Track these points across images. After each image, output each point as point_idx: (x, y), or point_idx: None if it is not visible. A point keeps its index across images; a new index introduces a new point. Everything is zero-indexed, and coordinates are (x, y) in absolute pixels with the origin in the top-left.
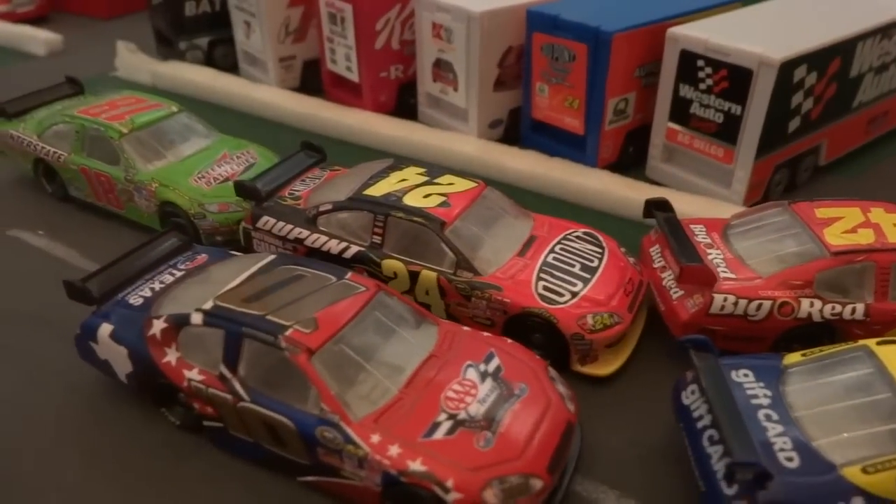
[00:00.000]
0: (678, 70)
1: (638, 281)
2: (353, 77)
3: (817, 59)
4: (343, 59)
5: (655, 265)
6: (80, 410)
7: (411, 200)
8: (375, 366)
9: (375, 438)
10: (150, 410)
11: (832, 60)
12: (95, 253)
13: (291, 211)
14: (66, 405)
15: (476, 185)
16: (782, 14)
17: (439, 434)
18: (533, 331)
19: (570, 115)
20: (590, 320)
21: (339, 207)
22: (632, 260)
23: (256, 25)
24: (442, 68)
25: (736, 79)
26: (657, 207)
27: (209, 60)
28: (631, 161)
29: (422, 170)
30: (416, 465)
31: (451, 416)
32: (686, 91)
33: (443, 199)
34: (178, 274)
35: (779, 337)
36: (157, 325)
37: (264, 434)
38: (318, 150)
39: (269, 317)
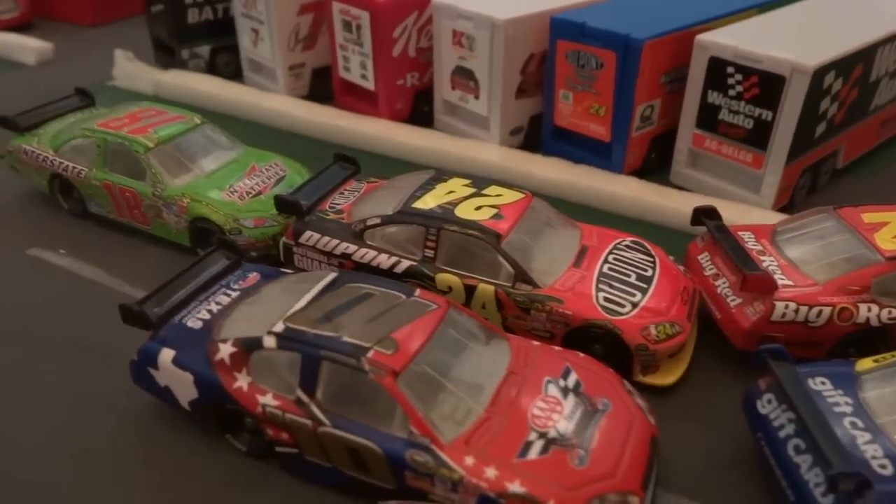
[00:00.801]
0: (707, 77)
1: (692, 289)
2: (369, 85)
3: (844, 65)
4: (358, 67)
5: (706, 273)
6: (136, 439)
7: (463, 213)
8: (456, 385)
9: (470, 461)
10: (212, 437)
11: (856, 66)
12: (123, 272)
13: (336, 225)
14: (120, 434)
15: (524, 195)
16: (805, 20)
17: (533, 454)
18: (593, 342)
19: (596, 122)
20: (653, 331)
21: (387, 221)
22: (681, 268)
23: (266, 33)
24: (462, 76)
25: (767, 85)
26: (706, 215)
27: (211, 68)
28: (653, 166)
29: (467, 181)
30: (515, 487)
31: (542, 435)
32: (714, 97)
33: (495, 210)
34: (233, 294)
35: (836, 342)
36: (225, 350)
37: (345, 459)
38: (352, 161)
39: (346, 338)
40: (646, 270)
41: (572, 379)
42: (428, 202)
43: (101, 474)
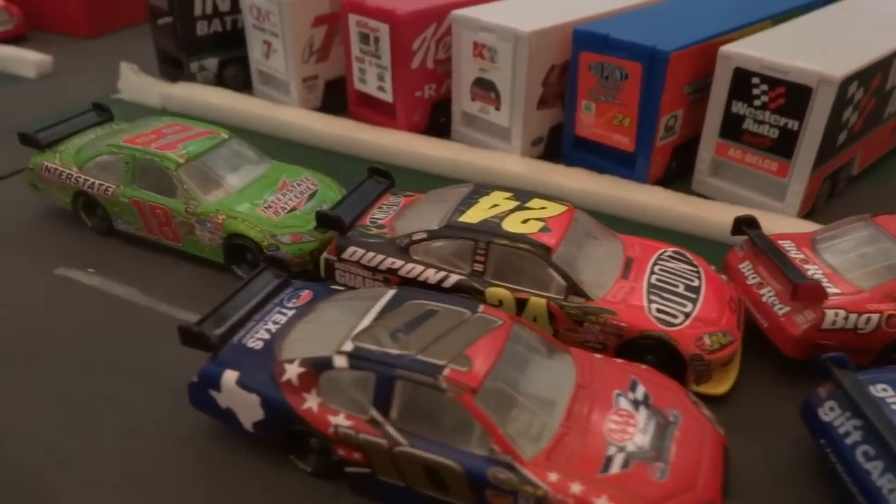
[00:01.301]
0: (731, 87)
1: (737, 298)
2: (387, 97)
3: (866, 75)
4: (375, 79)
5: (749, 282)
6: (196, 463)
7: (511, 227)
8: (529, 400)
9: (554, 477)
10: (275, 458)
11: (876, 75)
12: (158, 290)
13: (379, 240)
14: (180, 458)
15: (567, 207)
16: (823, 30)
17: (615, 468)
18: (645, 353)
19: (620, 133)
20: (707, 340)
21: (434, 236)
22: (724, 277)
23: (279, 45)
24: (482, 87)
25: (793, 95)
26: (746, 224)
27: (219, 81)
28: (673, 175)
29: (509, 194)
30: (602, 503)
31: (621, 449)
32: (739, 108)
33: (542, 224)
34: (289, 313)
35: (882, 349)
36: (293, 370)
37: (422, 478)
38: (386, 175)
39: (419, 356)
40: (692, 281)
41: (640, 391)
42: (474, 216)
43: (163, 500)
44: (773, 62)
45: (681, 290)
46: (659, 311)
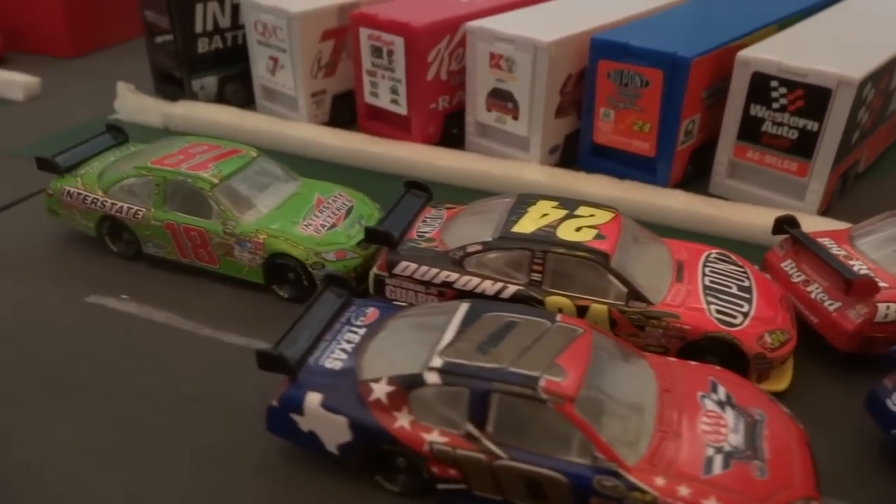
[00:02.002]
0: (749, 91)
1: (786, 296)
2: (401, 110)
3: (878, 75)
4: (387, 92)
5: (794, 280)
6: (276, 488)
7: (566, 235)
8: (620, 406)
9: (660, 481)
10: (358, 480)
11: (885, 75)
12: (198, 314)
13: (430, 254)
14: (258, 485)
15: (614, 214)
16: (831, 32)
17: (717, 469)
18: (707, 354)
19: (640, 139)
20: (768, 339)
21: (490, 247)
22: (768, 276)
23: (287, 61)
24: (499, 98)
25: (813, 97)
26: (787, 224)
27: (219, 98)
28: (690, 178)
29: (555, 203)
30: None
31: (718, 450)
32: (758, 110)
33: (595, 231)
34: (360, 331)
35: None
36: (380, 389)
37: (521, 491)
38: (423, 188)
39: (512, 369)
40: (743, 281)
41: (722, 392)
42: (527, 226)
43: None
44: (792, 66)
45: (734, 290)
46: (719, 312)
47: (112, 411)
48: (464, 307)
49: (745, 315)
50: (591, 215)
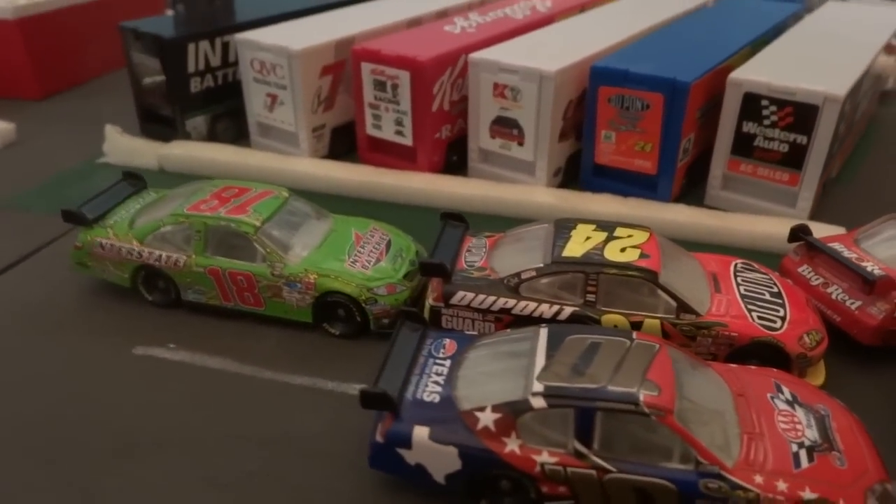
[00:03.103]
0: (741, 110)
1: (810, 298)
2: (406, 141)
3: (854, 90)
4: (392, 124)
5: (813, 283)
6: None
7: (613, 256)
8: (705, 413)
9: (759, 479)
10: None
11: (857, 89)
12: (251, 357)
13: (484, 282)
14: None
15: (649, 233)
16: (806, 49)
17: (804, 463)
18: (750, 357)
19: (641, 158)
20: (806, 339)
21: (544, 272)
22: (789, 282)
23: (287, 98)
24: (503, 125)
25: (801, 114)
26: (802, 232)
27: (210, 136)
28: (684, 191)
29: (593, 226)
30: (808, 494)
31: (800, 445)
32: (750, 127)
33: (639, 251)
34: (446, 363)
35: None
36: (487, 417)
37: (631, 501)
38: (460, 218)
39: (610, 387)
40: (772, 287)
41: (787, 392)
42: (575, 250)
43: None
44: (781, 86)
45: (767, 297)
46: (760, 318)
47: (198, 464)
48: (543, 332)
49: (783, 319)
50: (630, 236)
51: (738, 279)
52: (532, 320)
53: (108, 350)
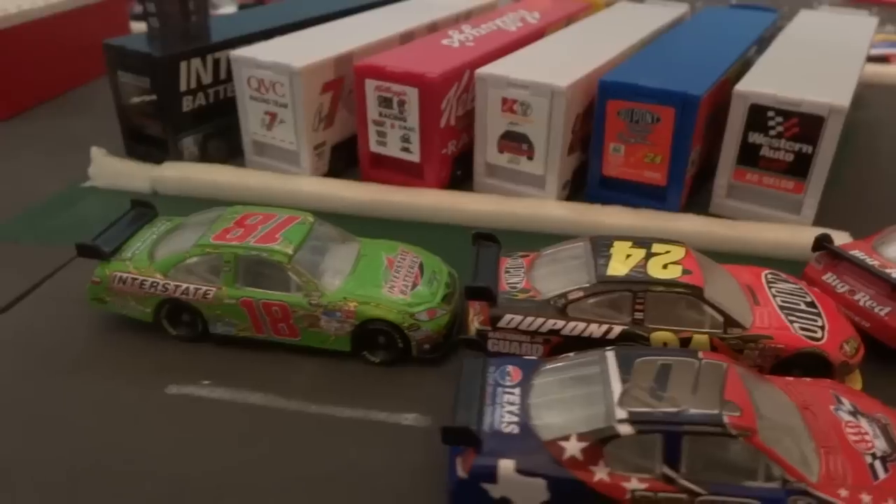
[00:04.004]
0: (747, 121)
1: (839, 306)
2: (413, 157)
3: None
4: (398, 141)
5: (839, 291)
6: None
7: (656, 273)
8: (779, 429)
9: (844, 493)
10: None
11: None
12: (293, 390)
13: (531, 304)
14: None
15: (684, 248)
16: (800, 59)
17: (881, 474)
18: (791, 368)
19: (651, 170)
20: (846, 347)
21: (592, 292)
22: (816, 290)
23: (289, 116)
24: (512, 139)
25: (807, 124)
26: (825, 241)
27: (202, 156)
28: (689, 201)
29: (629, 242)
30: None
31: (873, 456)
32: (756, 137)
33: (680, 266)
34: (516, 391)
35: None
36: (573, 447)
37: None
38: (492, 238)
39: (693, 410)
40: (805, 297)
41: (847, 402)
42: (619, 269)
43: None
44: (787, 97)
45: (803, 307)
46: (802, 328)
47: None
48: (611, 356)
49: (822, 328)
50: (668, 252)
51: (772, 290)
52: (581, 340)
53: (137, 391)
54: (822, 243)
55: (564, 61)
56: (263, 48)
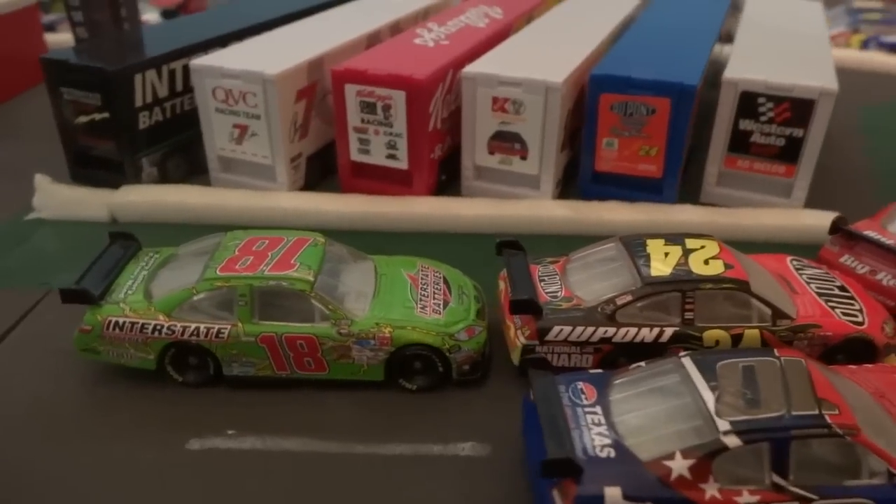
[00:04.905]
0: (738, 108)
1: (864, 288)
2: (401, 165)
3: None
4: (382, 148)
5: (860, 272)
6: None
7: (700, 270)
8: (873, 422)
9: None
10: None
11: None
12: (328, 431)
13: (577, 313)
14: None
15: (716, 241)
16: (780, 44)
17: None
18: (836, 354)
19: (646, 163)
20: (887, 329)
21: (640, 296)
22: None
23: (261, 127)
24: (504, 139)
25: (797, 108)
26: (840, 223)
27: (161, 175)
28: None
29: (661, 239)
30: None
31: None
32: (747, 124)
33: (720, 261)
34: (596, 409)
35: None
36: (679, 465)
37: None
38: (517, 246)
39: (793, 413)
40: (834, 281)
41: None
42: (661, 269)
43: None
44: (777, 83)
45: (837, 292)
46: (844, 314)
47: None
48: (688, 362)
49: (861, 312)
50: (702, 246)
51: (804, 277)
52: (632, 347)
53: (155, 450)
54: (838, 226)
55: (550, 56)
56: (228, 55)
